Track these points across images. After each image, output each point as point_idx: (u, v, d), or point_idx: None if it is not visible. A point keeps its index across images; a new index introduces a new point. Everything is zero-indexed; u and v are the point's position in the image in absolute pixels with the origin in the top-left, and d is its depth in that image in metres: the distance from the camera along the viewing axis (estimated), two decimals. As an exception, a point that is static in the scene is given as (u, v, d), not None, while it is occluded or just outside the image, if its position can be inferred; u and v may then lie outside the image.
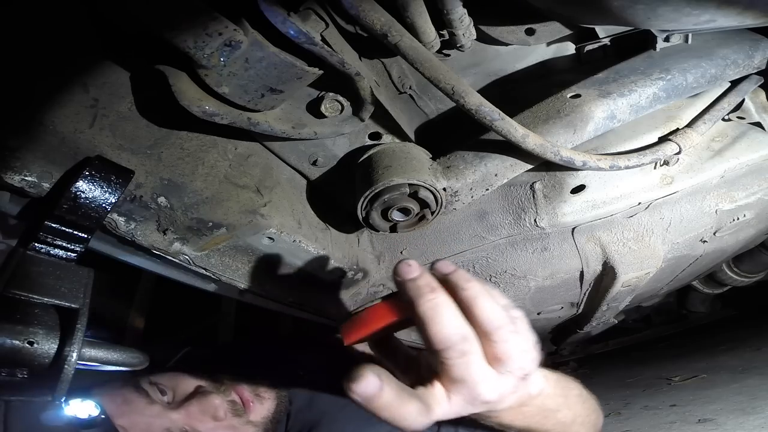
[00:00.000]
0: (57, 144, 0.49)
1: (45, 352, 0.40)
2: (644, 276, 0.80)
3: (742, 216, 0.80)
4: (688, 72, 0.61)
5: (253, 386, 0.95)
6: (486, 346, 0.47)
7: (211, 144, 0.59)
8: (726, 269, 1.60)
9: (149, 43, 0.42)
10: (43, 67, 0.46)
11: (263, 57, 0.45)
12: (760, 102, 0.74)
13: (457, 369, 0.46)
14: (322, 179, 0.70)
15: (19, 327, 0.39)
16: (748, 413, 0.96)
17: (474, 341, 0.46)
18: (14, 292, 0.41)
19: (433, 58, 0.49)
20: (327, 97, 0.55)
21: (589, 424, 0.74)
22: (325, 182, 0.70)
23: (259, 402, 0.93)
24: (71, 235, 0.48)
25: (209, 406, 0.84)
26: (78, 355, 0.41)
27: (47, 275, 0.44)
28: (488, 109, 0.51)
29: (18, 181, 0.48)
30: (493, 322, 0.47)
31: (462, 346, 0.45)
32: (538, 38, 0.62)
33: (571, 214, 0.69)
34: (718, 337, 1.84)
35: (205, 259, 0.67)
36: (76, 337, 0.41)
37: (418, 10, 0.50)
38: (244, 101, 0.48)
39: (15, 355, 0.39)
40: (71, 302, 0.43)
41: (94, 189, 0.49)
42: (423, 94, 0.65)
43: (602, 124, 0.59)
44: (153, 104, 0.51)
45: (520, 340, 0.48)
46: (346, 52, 0.53)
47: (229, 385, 0.91)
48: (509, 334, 0.47)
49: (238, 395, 0.91)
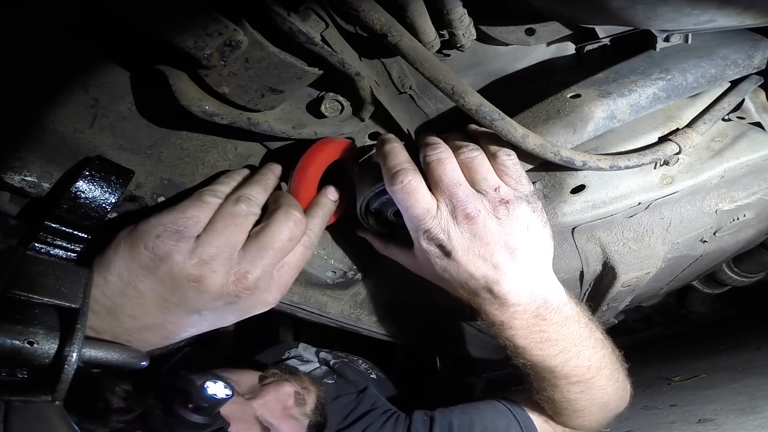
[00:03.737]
0: (57, 144, 0.49)
1: (45, 352, 0.40)
2: (644, 276, 0.80)
3: (742, 216, 0.80)
4: (688, 72, 0.61)
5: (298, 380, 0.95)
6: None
7: (211, 144, 0.59)
8: (726, 269, 1.60)
9: (149, 43, 0.42)
10: (43, 67, 0.46)
11: (263, 57, 0.45)
12: (760, 102, 0.74)
13: (434, 166, 0.53)
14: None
15: (19, 327, 0.39)
16: (748, 413, 0.96)
17: (447, 148, 0.54)
18: (14, 292, 0.41)
19: (433, 58, 0.49)
20: (327, 97, 0.55)
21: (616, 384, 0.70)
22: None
23: (308, 394, 0.93)
24: (71, 235, 0.48)
25: (283, 393, 0.85)
26: (78, 355, 0.41)
27: (47, 275, 0.44)
28: (488, 109, 0.51)
29: (18, 181, 0.48)
30: (458, 144, 0.56)
31: (438, 147, 0.54)
32: (538, 38, 0.62)
33: (571, 214, 0.69)
34: (718, 337, 1.84)
35: (205, 259, 0.67)
36: (76, 337, 0.41)
37: (418, 10, 0.50)
38: (244, 101, 0.48)
39: (15, 355, 0.39)
40: (71, 302, 0.43)
41: (94, 189, 0.49)
42: (423, 94, 0.65)
43: (602, 124, 0.59)
44: (153, 104, 0.51)
45: (488, 163, 0.54)
46: (346, 52, 0.53)
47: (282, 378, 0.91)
48: (477, 154, 0.54)
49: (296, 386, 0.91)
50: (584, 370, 0.64)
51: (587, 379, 0.66)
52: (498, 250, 0.52)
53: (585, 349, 0.63)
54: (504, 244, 0.52)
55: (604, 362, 0.67)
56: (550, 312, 0.57)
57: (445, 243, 0.53)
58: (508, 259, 0.53)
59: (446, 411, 0.90)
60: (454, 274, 0.55)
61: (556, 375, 0.64)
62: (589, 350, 0.63)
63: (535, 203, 0.54)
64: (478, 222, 0.51)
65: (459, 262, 0.53)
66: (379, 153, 0.57)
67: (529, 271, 0.54)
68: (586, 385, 0.66)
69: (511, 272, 0.53)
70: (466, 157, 0.54)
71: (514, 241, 0.52)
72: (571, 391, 0.67)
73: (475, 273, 0.53)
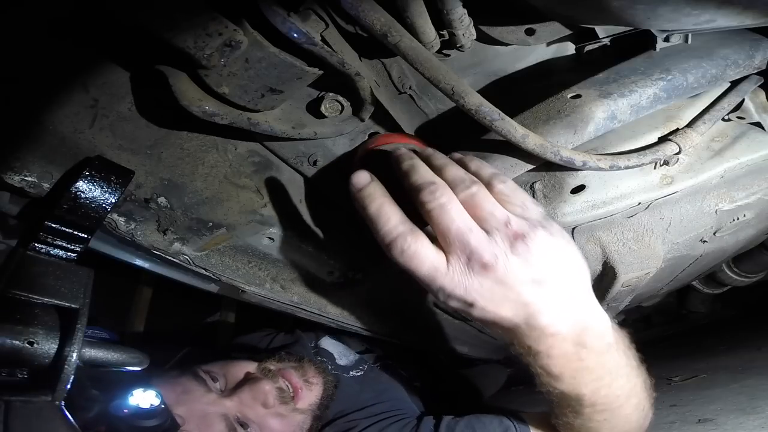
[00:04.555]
0: (57, 144, 0.49)
1: (45, 352, 0.40)
2: (644, 276, 0.80)
3: (742, 216, 0.80)
4: (688, 72, 0.61)
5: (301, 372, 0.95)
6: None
7: (211, 144, 0.59)
8: (726, 269, 1.60)
9: (149, 43, 0.42)
10: (44, 67, 0.46)
11: (263, 57, 0.45)
12: (760, 102, 0.74)
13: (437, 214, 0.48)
14: (322, 179, 0.70)
15: (19, 327, 0.39)
16: (748, 413, 0.95)
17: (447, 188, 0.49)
18: (14, 292, 0.41)
19: (433, 58, 0.49)
20: (327, 97, 0.55)
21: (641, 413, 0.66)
22: (324, 182, 0.70)
23: (308, 388, 0.93)
24: (71, 235, 0.48)
25: (260, 392, 0.84)
26: (78, 355, 0.41)
27: (47, 275, 0.44)
28: (488, 109, 0.51)
29: (18, 181, 0.48)
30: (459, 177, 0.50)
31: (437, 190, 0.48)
32: (538, 38, 0.62)
33: (571, 214, 0.69)
34: (718, 337, 1.84)
35: (205, 259, 0.67)
36: (76, 337, 0.41)
37: (418, 10, 0.50)
38: (244, 101, 0.48)
39: (15, 355, 0.39)
40: (71, 302, 0.43)
41: (94, 189, 0.49)
42: (423, 94, 0.65)
43: (603, 124, 0.58)
44: (153, 104, 0.51)
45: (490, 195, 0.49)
46: (346, 52, 0.53)
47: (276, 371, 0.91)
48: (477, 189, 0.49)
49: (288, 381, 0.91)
50: (613, 399, 0.60)
51: (615, 408, 0.62)
52: (525, 290, 0.48)
53: (619, 378, 0.59)
54: (531, 281, 0.48)
55: (635, 391, 0.63)
56: (593, 338, 0.52)
57: (465, 297, 0.48)
58: (538, 292, 0.48)
59: (452, 422, 0.89)
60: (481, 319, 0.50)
61: (583, 404, 0.59)
62: (623, 379, 0.59)
63: (550, 226, 0.50)
64: (498, 268, 0.46)
65: (485, 310, 0.49)
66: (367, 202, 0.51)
67: (564, 297, 0.50)
68: (612, 414, 0.62)
69: (545, 303, 0.48)
70: (467, 194, 0.49)
71: (541, 274, 0.48)
72: (594, 419, 0.63)
73: (506, 315, 0.49)
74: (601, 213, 0.70)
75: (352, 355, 1.21)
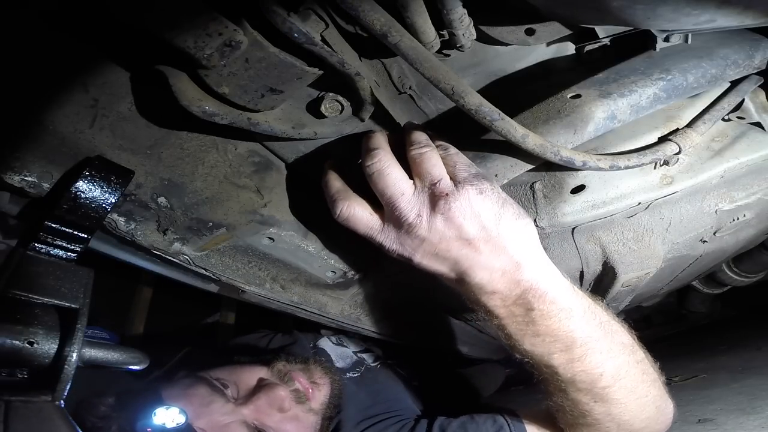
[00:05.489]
0: (57, 144, 0.49)
1: (45, 352, 0.40)
2: (644, 276, 0.80)
3: (742, 216, 0.80)
4: (688, 72, 0.61)
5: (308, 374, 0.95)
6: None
7: (211, 144, 0.59)
8: (726, 269, 1.60)
9: (149, 43, 0.42)
10: (43, 67, 0.45)
11: (263, 57, 0.45)
12: (760, 102, 0.74)
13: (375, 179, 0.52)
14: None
15: (19, 327, 0.39)
16: (748, 413, 0.95)
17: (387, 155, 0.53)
18: (14, 292, 0.41)
19: (433, 58, 0.49)
20: (327, 97, 0.55)
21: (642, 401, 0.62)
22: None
23: (317, 389, 0.93)
24: (71, 235, 0.49)
25: (276, 398, 0.84)
26: (78, 355, 0.41)
27: (47, 275, 0.44)
28: (488, 109, 0.51)
29: (18, 181, 0.48)
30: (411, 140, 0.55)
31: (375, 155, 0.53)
32: (538, 38, 0.62)
33: (571, 214, 0.69)
34: (718, 337, 1.84)
35: (205, 259, 0.67)
36: (76, 337, 0.41)
37: (417, 10, 0.50)
38: (244, 101, 0.48)
39: (15, 355, 0.39)
40: (71, 302, 0.43)
41: (94, 189, 0.49)
42: (423, 94, 0.65)
43: (602, 124, 0.58)
44: (153, 104, 0.51)
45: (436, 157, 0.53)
46: (346, 52, 0.53)
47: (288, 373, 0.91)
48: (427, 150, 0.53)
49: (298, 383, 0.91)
50: (594, 377, 0.57)
51: (600, 388, 0.59)
52: (453, 246, 0.51)
53: (594, 352, 0.56)
54: (457, 238, 0.51)
55: (624, 372, 0.59)
56: (540, 301, 0.53)
57: (402, 252, 0.53)
58: (467, 250, 0.51)
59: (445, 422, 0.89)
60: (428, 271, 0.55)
61: (561, 378, 0.58)
62: (600, 355, 0.57)
63: (480, 184, 0.51)
64: (422, 226, 0.51)
65: (422, 264, 0.54)
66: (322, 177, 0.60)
67: (499, 257, 0.51)
68: (598, 395, 0.59)
69: (476, 261, 0.51)
70: (416, 153, 0.53)
71: (467, 232, 0.50)
72: (581, 400, 0.61)
73: (441, 270, 0.54)
74: (601, 213, 0.70)
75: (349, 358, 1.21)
